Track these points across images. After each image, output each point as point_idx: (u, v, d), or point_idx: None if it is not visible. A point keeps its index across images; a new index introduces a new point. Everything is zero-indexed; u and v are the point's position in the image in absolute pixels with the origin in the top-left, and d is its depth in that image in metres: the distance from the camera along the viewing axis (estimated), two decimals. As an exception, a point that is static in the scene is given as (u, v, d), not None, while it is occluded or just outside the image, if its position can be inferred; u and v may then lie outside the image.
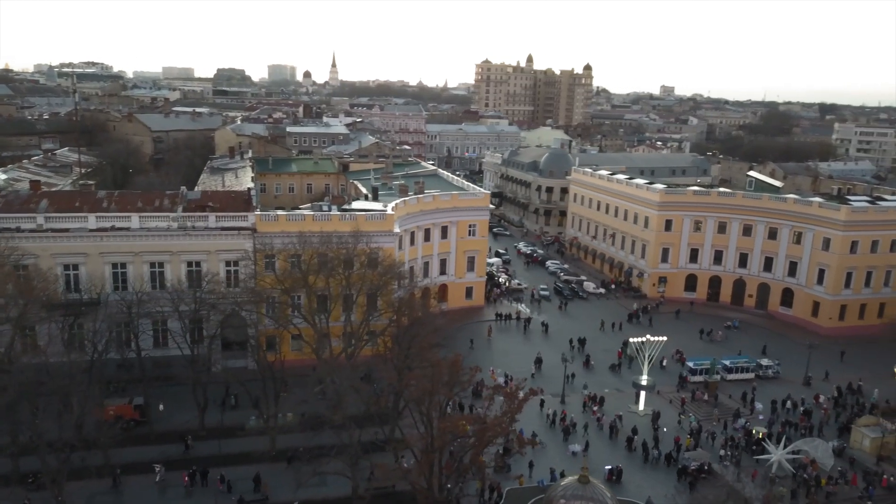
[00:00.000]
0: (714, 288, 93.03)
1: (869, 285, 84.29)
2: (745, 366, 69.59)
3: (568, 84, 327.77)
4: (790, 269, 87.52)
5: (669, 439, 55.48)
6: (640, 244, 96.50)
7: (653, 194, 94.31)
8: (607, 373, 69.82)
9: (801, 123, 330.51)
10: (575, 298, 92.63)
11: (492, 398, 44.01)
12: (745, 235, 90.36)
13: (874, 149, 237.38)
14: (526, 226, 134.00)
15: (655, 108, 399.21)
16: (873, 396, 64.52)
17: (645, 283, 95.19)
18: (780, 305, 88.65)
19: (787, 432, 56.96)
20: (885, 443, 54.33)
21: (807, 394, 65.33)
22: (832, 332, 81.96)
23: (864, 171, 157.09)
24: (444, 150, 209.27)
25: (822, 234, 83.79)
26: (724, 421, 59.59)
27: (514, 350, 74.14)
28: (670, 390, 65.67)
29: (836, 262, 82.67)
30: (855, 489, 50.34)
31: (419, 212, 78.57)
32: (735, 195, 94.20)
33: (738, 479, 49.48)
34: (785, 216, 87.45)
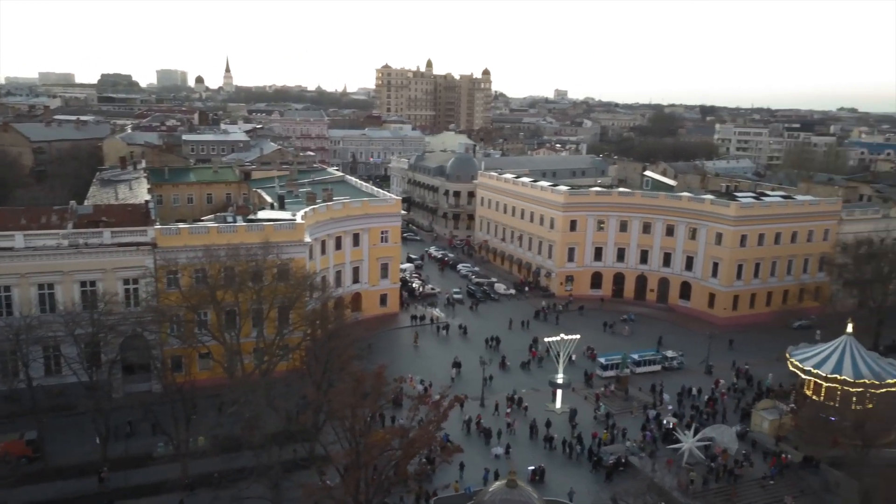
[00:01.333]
0: (618, 284, 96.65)
1: (758, 276, 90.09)
2: (652, 358, 72.60)
3: (468, 89, 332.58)
4: (687, 263, 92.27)
5: (587, 435, 56.90)
6: (547, 245, 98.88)
7: (557, 196, 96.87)
8: (523, 373, 70.93)
9: (685, 124, 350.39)
10: (487, 300, 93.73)
11: (416, 408, 43.48)
12: (644, 233, 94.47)
13: (752, 147, 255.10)
14: (436, 230, 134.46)
15: (551, 112, 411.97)
16: (768, 380, 68.89)
17: (553, 282, 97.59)
18: (679, 298, 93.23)
19: (696, 420, 59.76)
20: (782, 424, 58.04)
21: (709, 382, 68.86)
22: (727, 322, 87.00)
23: (745, 169, 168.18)
24: (349, 156, 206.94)
25: (715, 230, 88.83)
26: (645, 411, 61.72)
27: (432, 355, 74.02)
28: (585, 387, 67.45)
29: (728, 256, 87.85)
30: (760, 470, 53.43)
31: (329, 220, 76.99)
32: (634, 195, 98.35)
33: (654, 469, 51.40)
34: (681, 213, 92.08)
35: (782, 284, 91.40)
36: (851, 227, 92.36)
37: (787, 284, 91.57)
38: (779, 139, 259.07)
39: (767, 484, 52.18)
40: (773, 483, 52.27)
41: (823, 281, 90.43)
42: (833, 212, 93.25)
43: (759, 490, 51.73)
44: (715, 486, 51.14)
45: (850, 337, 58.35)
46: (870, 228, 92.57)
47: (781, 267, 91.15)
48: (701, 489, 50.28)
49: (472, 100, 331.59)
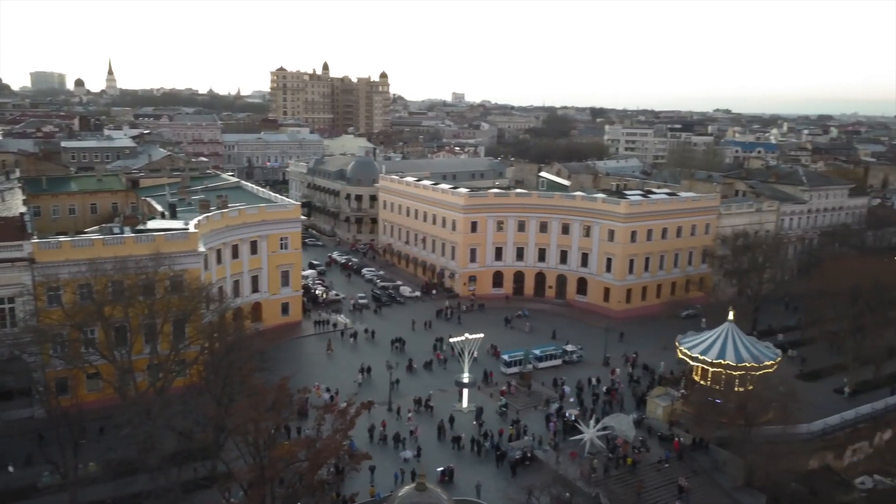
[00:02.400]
0: (518, 282, 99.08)
1: (648, 270, 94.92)
2: (553, 353, 74.89)
3: (366, 92, 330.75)
4: (582, 260, 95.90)
5: (494, 432, 57.93)
6: (450, 246, 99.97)
7: (458, 198, 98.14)
8: (429, 374, 71.35)
9: (577, 126, 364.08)
10: (393, 304, 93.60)
11: (322, 417, 42.79)
12: (542, 232, 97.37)
13: (639, 147, 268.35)
14: (338, 235, 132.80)
15: (450, 115, 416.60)
16: (660, 368, 72.68)
17: (457, 282, 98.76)
18: (576, 294, 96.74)
19: (596, 411, 62.16)
20: (675, 409, 61.41)
21: (607, 373, 71.77)
22: (622, 315, 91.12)
23: (633, 168, 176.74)
24: (244, 161, 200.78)
25: (607, 227, 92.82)
26: (548, 405, 63.46)
27: (339, 362, 73.12)
28: (490, 385, 68.61)
29: (620, 252, 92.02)
30: (656, 454, 56.24)
31: (225, 227, 74.40)
32: (531, 195, 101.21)
33: (559, 461, 53.12)
34: (575, 212, 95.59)
35: (670, 277, 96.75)
36: (729, 221, 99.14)
37: (675, 276, 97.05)
38: (663, 139, 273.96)
39: (663, 467, 55.05)
40: (667, 466, 55.20)
41: (706, 272, 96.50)
42: (712, 207, 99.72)
43: (655, 474, 54.45)
44: (615, 473, 53.36)
45: (731, 324, 62.48)
46: (745, 222, 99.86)
47: (669, 260, 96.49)
48: (602, 476, 52.33)
49: (370, 103, 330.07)
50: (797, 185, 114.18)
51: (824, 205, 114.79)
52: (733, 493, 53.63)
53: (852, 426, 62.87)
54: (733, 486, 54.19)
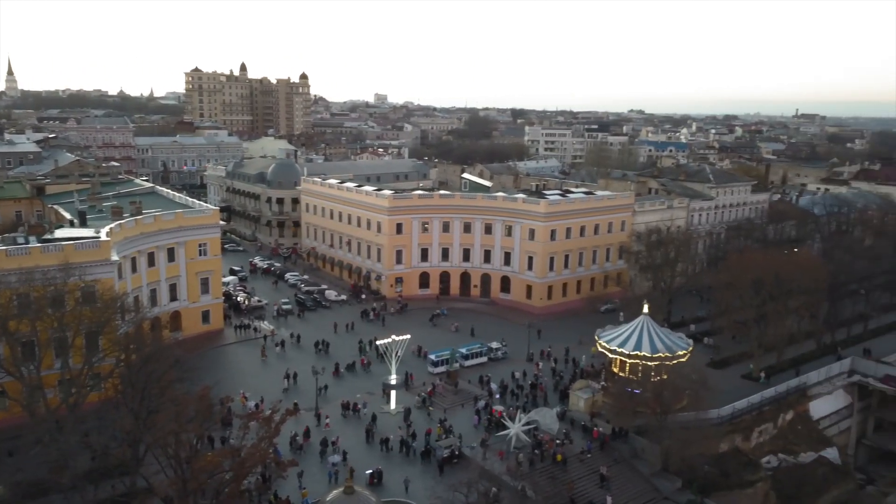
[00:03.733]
0: (445, 282, 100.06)
1: (568, 267, 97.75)
2: (479, 351, 76.10)
3: (285, 93, 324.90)
4: (505, 258, 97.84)
5: (422, 432, 58.46)
6: (376, 248, 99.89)
7: (382, 200, 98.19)
8: (355, 377, 71.19)
9: (498, 127, 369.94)
10: (318, 308, 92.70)
11: (246, 426, 42.18)
12: (466, 232, 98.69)
13: (557, 148, 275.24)
14: (260, 239, 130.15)
15: (372, 116, 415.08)
16: (582, 362, 75.06)
17: (383, 285, 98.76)
18: (500, 292, 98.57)
19: (520, 406, 63.62)
20: (596, 401, 63.66)
21: (531, 368, 73.52)
22: (544, 311, 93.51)
23: (552, 168, 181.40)
24: (159, 165, 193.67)
25: (528, 226, 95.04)
26: (475, 402, 64.44)
27: (264, 370, 71.89)
28: (417, 385, 69.08)
29: (541, 250, 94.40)
30: (579, 446, 58.14)
31: (139, 235, 71.82)
32: (454, 196, 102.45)
33: (485, 457, 54.16)
34: (497, 212, 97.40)
35: (589, 273, 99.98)
36: (643, 218, 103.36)
37: (594, 273, 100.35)
38: (580, 139, 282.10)
39: (585, 458, 57.01)
40: (590, 456, 57.20)
41: (623, 268, 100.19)
42: (627, 205, 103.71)
43: (579, 464, 56.31)
44: (540, 466, 54.85)
45: (646, 316, 65.29)
46: (658, 218, 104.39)
47: (587, 257, 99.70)
48: (528, 470, 53.69)
49: (290, 104, 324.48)
50: (705, 182, 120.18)
51: (730, 201, 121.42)
52: (651, 479, 56.14)
53: (758, 409, 66.85)
54: (651, 472, 56.72)
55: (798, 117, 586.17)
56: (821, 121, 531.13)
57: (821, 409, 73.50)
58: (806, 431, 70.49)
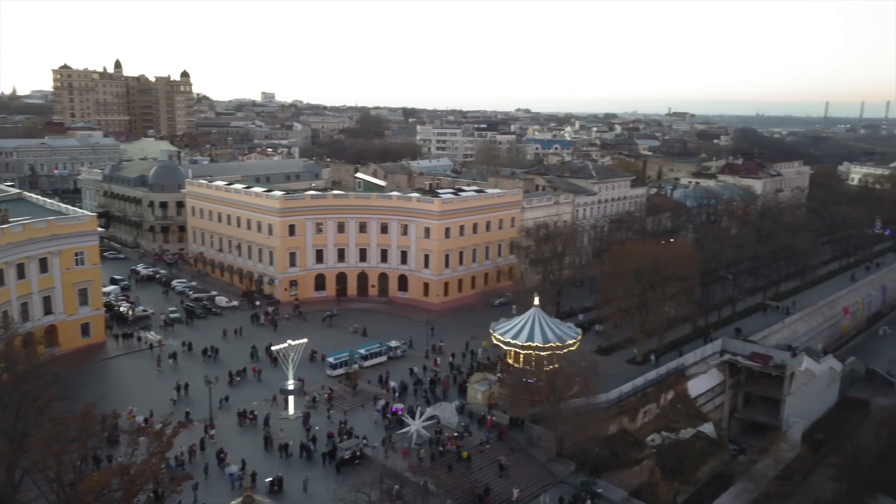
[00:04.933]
0: (341, 283, 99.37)
1: (462, 263, 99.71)
2: (378, 351, 76.28)
3: (166, 91, 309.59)
4: (402, 257, 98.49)
5: (323, 435, 58.00)
6: (268, 251, 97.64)
7: (273, 201, 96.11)
8: (250, 385, 69.46)
9: (390, 126, 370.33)
10: (209, 315, 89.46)
11: (135, 442, 40.34)
12: (361, 232, 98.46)
13: (449, 147, 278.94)
14: (143, 246, 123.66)
15: (260, 115, 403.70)
16: (478, 355, 76.92)
17: (277, 288, 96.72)
18: (398, 291, 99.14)
19: (420, 403, 64.43)
20: (493, 392, 65.50)
21: (430, 365, 74.54)
22: (441, 307, 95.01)
23: (445, 167, 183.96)
24: (26, 169, 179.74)
25: (423, 225, 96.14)
26: (375, 402, 64.50)
27: (152, 382, 68.63)
28: (315, 389, 68.30)
29: (436, 247, 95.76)
30: (478, 437, 59.65)
31: (6, 245, 66.75)
32: (348, 196, 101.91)
33: (387, 456, 54.51)
34: (392, 212, 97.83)
35: (483, 268, 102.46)
36: (531, 214, 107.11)
37: (487, 268, 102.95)
38: (471, 138, 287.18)
39: (485, 448, 58.57)
40: (489, 447, 58.82)
41: (514, 262, 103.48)
42: (517, 202, 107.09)
43: (479, 456, 57.77)
44: (441, 460, 55.81)
45: (537, 308, 67.82)
46: (545, 214, 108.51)
47: (481, 253, 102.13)
48: (430, 465, 54.55)
49: (171, 103, 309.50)
50: (588, 178, 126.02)
51: (611, 195, 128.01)
52: (547, 465, 58.55)
53: (642, 391, 71.12)
54: (547, 458, 59.15)
55: (671, 115, 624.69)
56: (691, 119, 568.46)
57: (697, 388, 79.12)
58: (685, 409, 75.70)
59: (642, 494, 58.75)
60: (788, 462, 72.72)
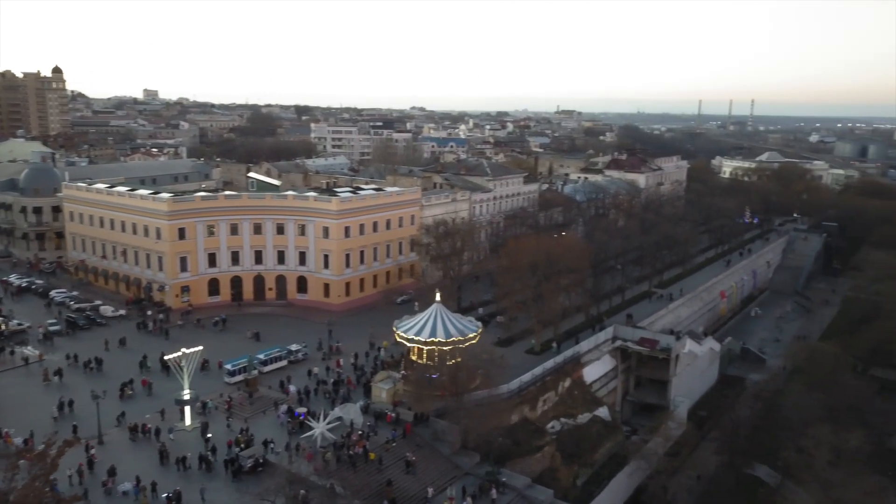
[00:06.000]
0: (237, 288, 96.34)
1: (363, 262, 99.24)
2: (278, 355, 74.61)
3: (36, 88, 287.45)
4: (300, 258, 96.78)
5: (223, 445, 56.12)
6: (156, 257, 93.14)
7: (160, 204, 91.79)
8: (142, 397, 66.12)
9: (283, 124, 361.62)
10: (93, 326, 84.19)
11: (15, 466, 37.58)
12: (256, 234, 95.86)
13: (345, 145, 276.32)
14: (15, 254, 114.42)
15: (143, 113, 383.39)
16: (381, 354, 76.88)
17: (167, 295, 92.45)
18: (297, 293, 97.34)
19: (324, 404, 63.63)
20: (397, 390, 65.71)
21: (333, 366, 73.68)
22: (343, 308, 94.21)
23: (341, 165, 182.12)
24: None
25: (322, 224, 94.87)
26: (277, 407, 63.04)
27: (32, 401, 63.76)
28: (213, 397, 65.97)
29: (335, 247, 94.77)
30: (384, 436, 59.69)
31: None
32: (241, 197, 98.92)
33: (292, 461, 53.52)
34: (288, 212, 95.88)
35: (384, 267, 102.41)
36: (430, 212, 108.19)
37: (388, 266, 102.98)
38: (367, 136, 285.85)
39: (391, 446, 58.70)
40: (395, 444, 59.00)
41: (415, 259, 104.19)
42: (415, 199, 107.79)
43: (386, 454, 57.81)
44: (347, 461, 55.41)
45: (439, 304, 68.62)
46: (443, 211, 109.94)
47: (381, 252, 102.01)
48: (336, 467, 54.05)
49: (43, 101, 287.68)
50: (483, 175, 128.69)
51: (506, 192, 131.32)
52: (452, 458, 59.44)
53: (541, 380, 73.65)
54: (452, 451, 60.04)
55: (559, 113, 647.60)
56: (578, 116, 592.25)
57: (592, 374, 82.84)
58: (581, 395, 79.12)
59: (544, 480, 60.90)
60: (676, 439, 77.82)
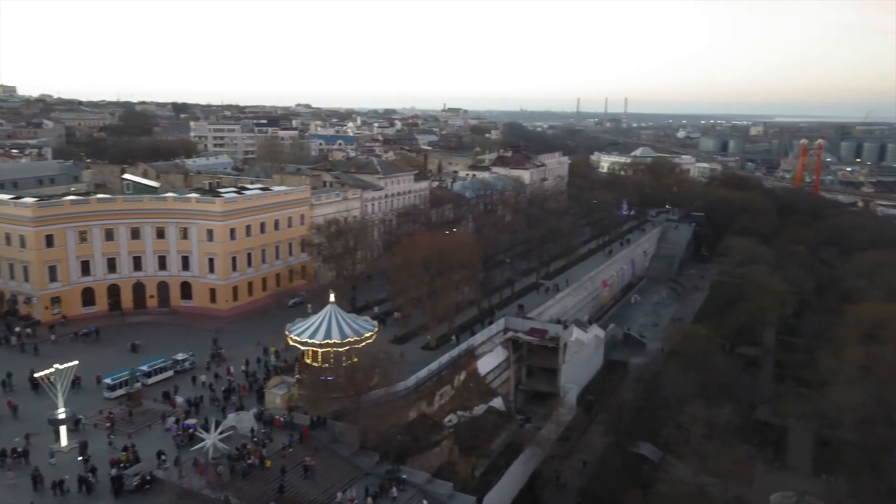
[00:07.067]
0: (114, 297, 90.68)
1: (251, 265, 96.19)
2: (163, 366, 71.01)
3: None
4: (183, 263, 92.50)
5: (105, 464, 52.76)
6: (21, 266, 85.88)
7: (23, 210, 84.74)
8: (8, 421, 60.91)
9: (160, 122, 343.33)
10: (-53, 346, 76.56)
11: None
12: (134, 239, 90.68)
13: (228, 143, 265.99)
14: None
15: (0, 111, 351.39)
16: (273, 360, 74.89)
17: (35, 307, 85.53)
18: (181, 299, 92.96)
19: (216, 414, 61.26)
20: (292, 395, 64.33)
21: (223, 374, 71.02)
22: (231, 313, 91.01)
23: (225, 165, 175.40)
24: None
25: (205, 227, 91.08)
26: (167, 419, 59.98)
27: None
28: (91, 414, 61.85)
29: (221, 250, 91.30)
30: (279, 442, 58.32)
31: None
32: (116, 200, 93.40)
33: (182, 475, 51.17)
34: (169, 214, 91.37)
35: (274, 269, 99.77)
36: (321, 211, 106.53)
37: (278, 268, 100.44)
38: (251, 134, 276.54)
39: (288, 452, 57.46)
40: (291, 450, 57.81)
41: (307, 260, 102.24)
42: (304, 199, 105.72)
43: (283, 460, 56.52)
44: (242, 471, 53.70)
45: (333, 305, 67.87)
46: (334, 210, 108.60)
47: (270, 253, 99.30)
48: (230, 478, 52.25)
49: None
50: (374, 173, 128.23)
51: (397, 190, 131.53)
52: (352, 459, 59.05)
53: (437, 375, 74.54)
54: (351, 452, 59.64)
55: (446, 111, 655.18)
56: (464, 114, 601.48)
57: (486, 365, 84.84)
58: (477, 387, 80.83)
59: (443, 473, 61.78)
60: (567, 424, 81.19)
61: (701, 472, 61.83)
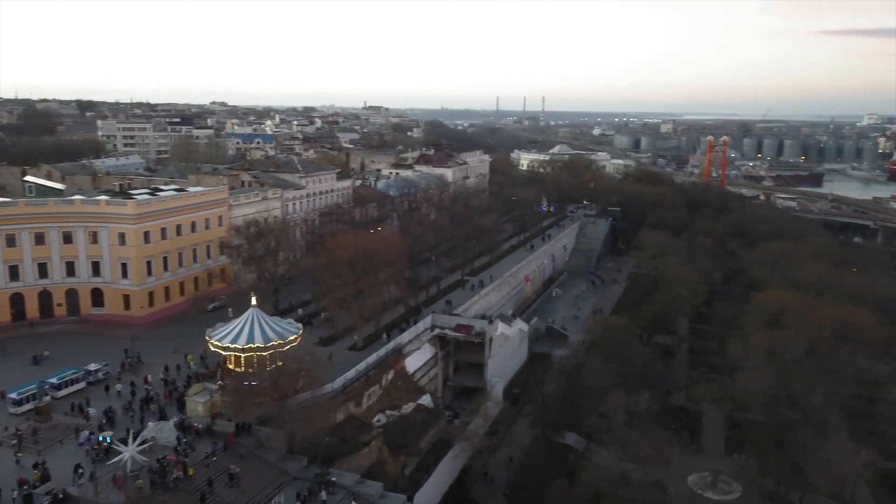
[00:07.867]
0: (18, 306, 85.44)
1: (168, 269, 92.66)
2: (74, 377, 67.49)
3: None
4: (94, 269, 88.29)
5: (11, 483, 49.70)
6: None
7: (-90, 216, 78.67)
8: None
9: (64, 121, 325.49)
10: None
11: None
12: (39, 244, 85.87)
13: (139, 143, 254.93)
14: None
15: None
16: (195, 366, 72.48)
17: (-73, 321, 79.63)
18: (92, 307, 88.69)
19: (133, 425, 58.74)
20: (214, 402, 62.44)
21: (140, 383, 68.10)
22: (147, 319, 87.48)
23: (136, 165, 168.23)
24: None
25: (117, 230, 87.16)
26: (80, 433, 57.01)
27: None
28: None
29: (134, 254, 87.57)
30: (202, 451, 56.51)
31: None
32: (18, 204, 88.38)
33: (98, 491, 48.89)
34: (76, 218, 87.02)
35: (192, 272, 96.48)
36: (240, 211, 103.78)
37: (197, 272, 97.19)
38: (164, 133, 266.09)
39: (211, 461, 55.76)
40: (216, 459, 56.12)
41: (226, 263, 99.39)
42: (222, 199, 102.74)
43: (206, 469, 54.79)
44: (163, 483, 51.76)
45: (255, 308, 66.27)
46: (254, 210, 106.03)
47: (188, 256, 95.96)
48: (150, 491, 50.27)
49: None
50: (294, 172, 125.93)
51: (319, 188, 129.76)
52: (279, 464, 57.88)
53: (365, 375, 74.06)
54: (278, 458, 58.47)
55: (367, 109, 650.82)
56: (385, 112, 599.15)
57: (414, 363, 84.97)
58: (405, 385, 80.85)
59: (373, 474, 61.51)
60: (495, 418, 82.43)
61: (623, 459, 64.16)
